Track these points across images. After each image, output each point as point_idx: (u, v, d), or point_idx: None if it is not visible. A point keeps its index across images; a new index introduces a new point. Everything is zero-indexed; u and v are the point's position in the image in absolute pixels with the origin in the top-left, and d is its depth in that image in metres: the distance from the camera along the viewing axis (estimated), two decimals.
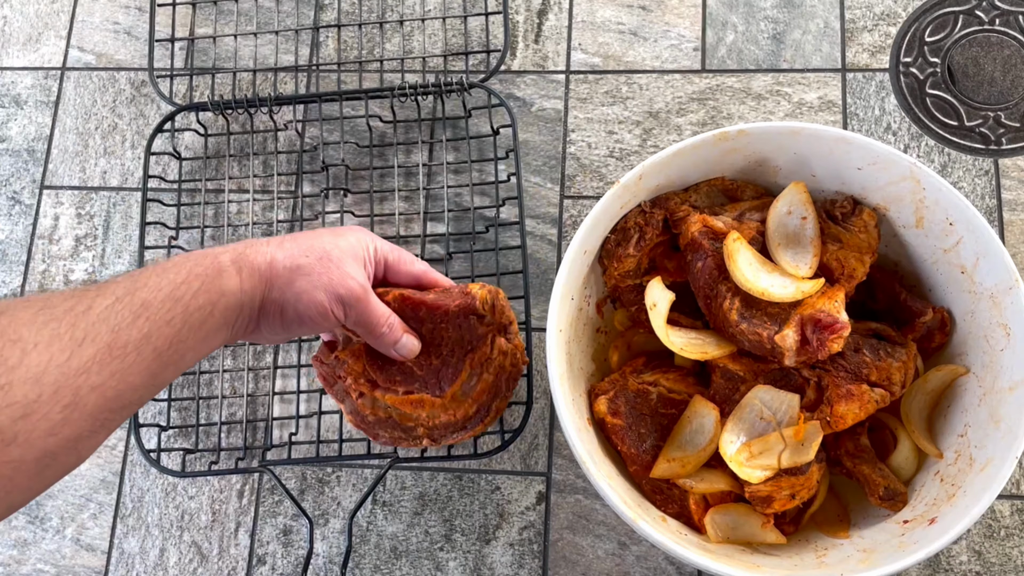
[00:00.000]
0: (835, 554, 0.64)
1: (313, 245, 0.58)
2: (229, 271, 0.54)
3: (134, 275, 0.51)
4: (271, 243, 0.57)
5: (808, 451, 0.63)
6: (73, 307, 0.47)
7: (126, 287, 0.50)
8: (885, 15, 0.87)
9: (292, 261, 0.57)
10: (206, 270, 0.53)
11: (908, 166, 0.65)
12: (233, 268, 0.54)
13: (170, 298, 0.51)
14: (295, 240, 0.58)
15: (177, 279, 0.51)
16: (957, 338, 0.68)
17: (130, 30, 0.95)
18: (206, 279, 0.53)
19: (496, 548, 0.76)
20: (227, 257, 0.54)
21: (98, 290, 0.49)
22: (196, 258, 0.53)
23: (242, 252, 0.55)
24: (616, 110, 0.87)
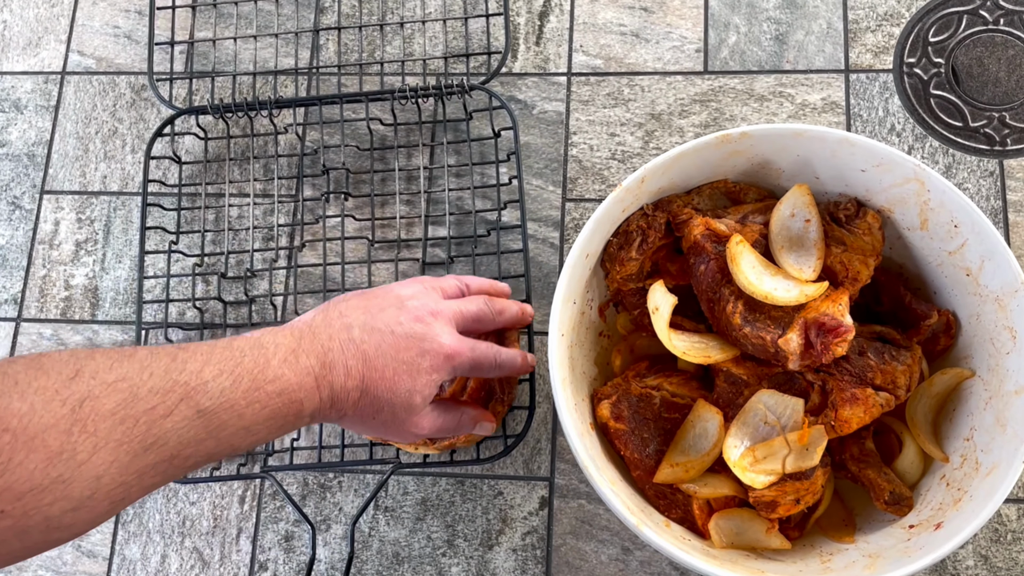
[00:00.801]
0: (840, 559, 0.64)
1: (386, 402, 0.58)
2: (312, 399, 0.55)
3: (224, 387, 0.50)
4: (351, 371, 0.57)
5: (813, 456, 0.63)
6: (155, 407, 0.47)
7: (211, 401, 0.49)
8: (888, 15, 0.87)
9: (367, 419, 0.59)
10: (291, 397, 0.53)
11: (912, 168, 0.64)
12: (316, 396, 0.55)
13: (247, 430, 0.51)
14: (376, 388, 0.58)
15: (262, 414, 0.52)
16: (962, 341, 0.68)
17: (130, 34, 0.95)
18: (288, 407, 0.53)
19: (499, 553, 0.76)
20: (311, 380, 0.55)
21: (184, 391, 0.48)
22: (286, 379, 0.53)
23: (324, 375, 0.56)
24: (618, 112, 0.86)
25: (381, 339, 0.58)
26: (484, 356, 0.63)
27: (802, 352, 0.62)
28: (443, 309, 0.61)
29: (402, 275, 0.82)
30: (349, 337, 0.57)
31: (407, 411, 0.59)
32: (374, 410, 0.58)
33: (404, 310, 0.60)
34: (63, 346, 0.85)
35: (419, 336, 0.59)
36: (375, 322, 0.58)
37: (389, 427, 0.60)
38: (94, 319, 0.85)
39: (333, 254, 0.84)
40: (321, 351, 0.56)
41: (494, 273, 0.81)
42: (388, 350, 0.57)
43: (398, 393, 0.58)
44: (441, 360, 0.59)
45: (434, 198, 0.85)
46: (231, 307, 0.84)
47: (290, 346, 0.55)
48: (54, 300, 0.87)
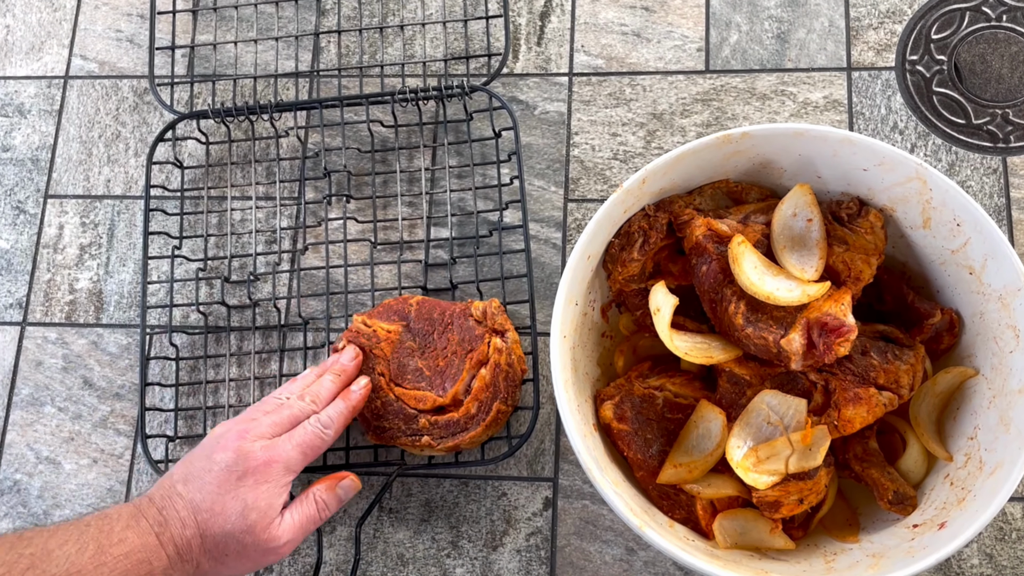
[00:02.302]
0: (844, 559, 0.64)
1: (229, 546, 0.62)
2: (158, 556, 0.60)
3: (68, 553, 0.55)
4: (187, 523, 0.61)
5: (816, 456, 0.63)
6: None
7: (60, 568, 0.54)
8: (891, 13, 0.86)
9: (216, 560, 0.63)
10: (138, 567, 0.58)
11: (914, 167, 0.64)
12: (161, 552, 0.60)
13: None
14: (212, 535, 0.62)
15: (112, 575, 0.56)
16: (966, 340, 0.68)
17: (132, 37, 0.95)
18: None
19: (503, 554, 0.76)
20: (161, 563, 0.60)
21: (31, 563, 0.53)
22: (134, 550, 0.58)
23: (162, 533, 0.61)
24: (620, 112, 0.86)
25: (201, 483, 0.62)
26: (312, 440, 0.66)
27: (805, 352, 0.62)
28: (251, 428, 0.65)
29: (404, 277, 0.83)
30: (176, 493, 0.62)
31: (249, 532, 0.61)
32: (221, 549, 0.61)
33: (217, 448, 0.64)
34: (68, 349, 0.85)
35: (232, 464, 0.63)
36: (193, 470, 0.63)
37: (248, 556, 0.62)
38: (99, 323, 0.86)
39: (336, 257, 0.84)
40: (156, 511, 0.61)
41: (496, 274, 0.81)
42: (210, 488, 0.62)
43: (230, 519, 0.61)
44: (262, 471, 0.63)
45: (436, 199, 0.85)
46: (235, 311, 0.84)
47: (131, 512, 0.60)
48: (59, 304, 0.87)
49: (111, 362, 0.84)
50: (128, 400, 0.83)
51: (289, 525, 0.64)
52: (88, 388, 0.84)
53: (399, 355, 0.75)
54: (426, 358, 0.75)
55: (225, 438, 0.64)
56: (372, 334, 0.75)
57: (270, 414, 0.67)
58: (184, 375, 0.83)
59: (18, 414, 0.84)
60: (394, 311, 0.76)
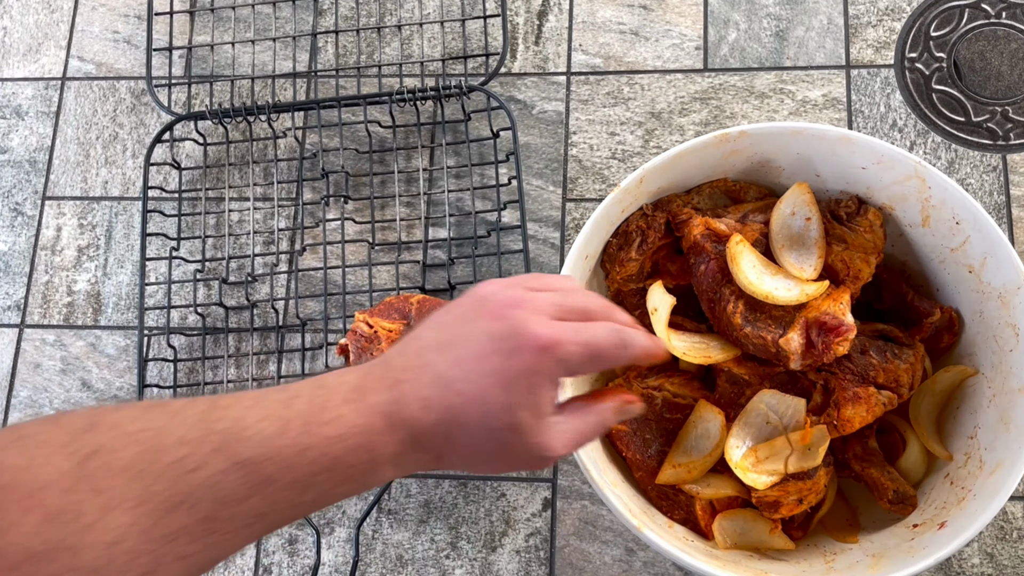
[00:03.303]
0: (844, 559, 0.63)
1: (485, 436, 0.45)
2: (385, 443, 0.44)
3: (267, 435, 0.41)
4: (432, 403, 0.45)
5: (815, 456, 0.63)
6: (182, 459, 0.39)
7: (252, 451, 0.40)
8: (889, 10, 0.86)
9: (470, 457, 0.46)
10: (358, 461, 0.43)
11: (913, 165, 0.64)
12: (392, 438, 0.44)
13: (299, 483, 0.41)
14: (465, 418, 0.45)
15: (318, 463, 0.42)
16: (966, 338, 0.67)
17: (129, 39, 0.95)
18: (355, 472, 0.43)
19: (502, 555, 0.75)
20: (389, 451, 0.44)
21: (220, 441, 0.40)
22: (352, 441, 0.43)
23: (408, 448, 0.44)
24: (618, 111, 0.86)
25: (459, 353, 0.45)
26: (602, 339, 0.47)
27: (803, 352, 0.62)
28: (528, 298, 0.47)
29: (403, 277, 0.82)
30: (422, 362, 0.45)
31: (515, 431, 0.45)
32: (475, 445, 0.45)
33: (482, 313, 0.46)
34: (66, 351, 0.85)
35: (500, 335, 0.45)
36: (448, 335, 0.46)
37: (507, 459, 0.47)
38: (97, 324, 0.86)
39: (334, 257, 0.84)
40: (391, 384, 0.44)
41: (495, 274, 0.81)
42: (469, 363, 0.45)
43: (493, 414, 0.45)
44: (537, 356, 0.45)
45: (434, 200, 0.85)
46: (233, 312, 0.84)
47: (355, 382, 0.44)
48: (57, 306, 0.87)
49: (109, 364, 0.84)
50: (127, 402, 0.83)
51: (566, 434, 0.47)
52: (86, 390, 0.84)
53: None
54: None
55: (493, 302, 0.46)
56: (373, 335, 0.74)
57: (554, 293, 0.48)
58: (182, 376, 0.82)
59: (16, 416, 0.84)
60: (395, 309, 0.76)
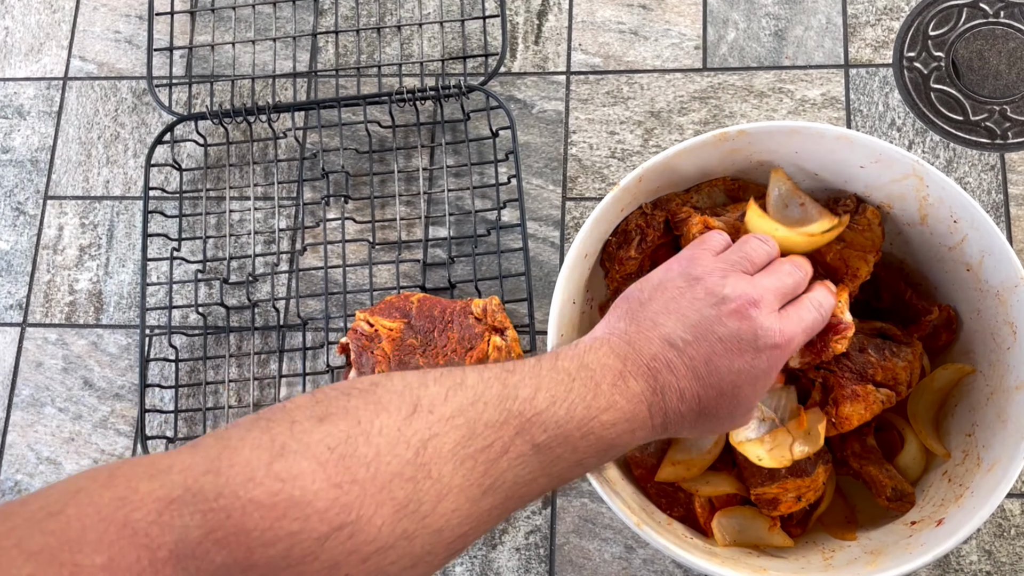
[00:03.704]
0: (842, 556, 0.64)
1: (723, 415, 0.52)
2: (646, 426, 0.49)
3: (559, 418, 0.45)
4: (685, 390, 0.50)
5: (816, 438, 0.63)
6: (491, 444, 0.42)
7: (547, 436, 0.44)
8: (888, 9, 0.86)
9: (708, 427, 0.53)
10: (621, 436, 0.47)
11: (911, 163, 0.64)
12: (650, 423, 0.49)
13: (580, 464, 0.46)
14: (715, 402, 0.51)
15: (594, 447, 0.46)
16: (964, 336, 0.68)
17: (131, 38, 0.95)
18: (617, 449, 0.48)
19: (502, 553, 0.76)
20: (644, 409, 0.49)
21: (519, 425, 0.43)
22: (620, 430, 0.47)
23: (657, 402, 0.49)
24: (617, 110, 0.86)
25: (709, 349, 0.50)
26: (815, 324, 0.56)
27: (802, 350, 0.62)
28: (762, 294, 0.53)
29: (403, 276, 0.83)
30: (675, 354, 0.50)
31: (746, 415, 0.53)
32: (710, 424, 0.52)
33: (721, 304, 0.51)
34: (68, 350, 0.85)
35: (749, 338, 0.51)
36: (694, 328, 0.51)
37: (723, 426, 0.54)
38: (98, 323, 0.86)
39: (334, 256, 0.84)
40: (648, 372, 0.49)
41: (495, 272, 0.81)
42: (720, 361, 0.50)
43: (742, 403, 0.52)
44: (778, 353, 0.52)
45: (434, 199, 0.85)
46: (234, 312, 0.84)
47: (616, 368, 0.48)
48: (59, 305, 0.87)
49: (111, 363, 0.85)
50: (128, 400, 0.83)
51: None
52: (88, 389, 0.84)
53: (400, 353, 0.75)
54: (427, 356, 0.75)
55: (738, 302, 0.51)
56: (373, 334, 0.75)
57: (770, 277, 0.55)
58: (184, 376, 0.83)
59: (19, 415, 0.84)
60: (396, 308, 0.76)
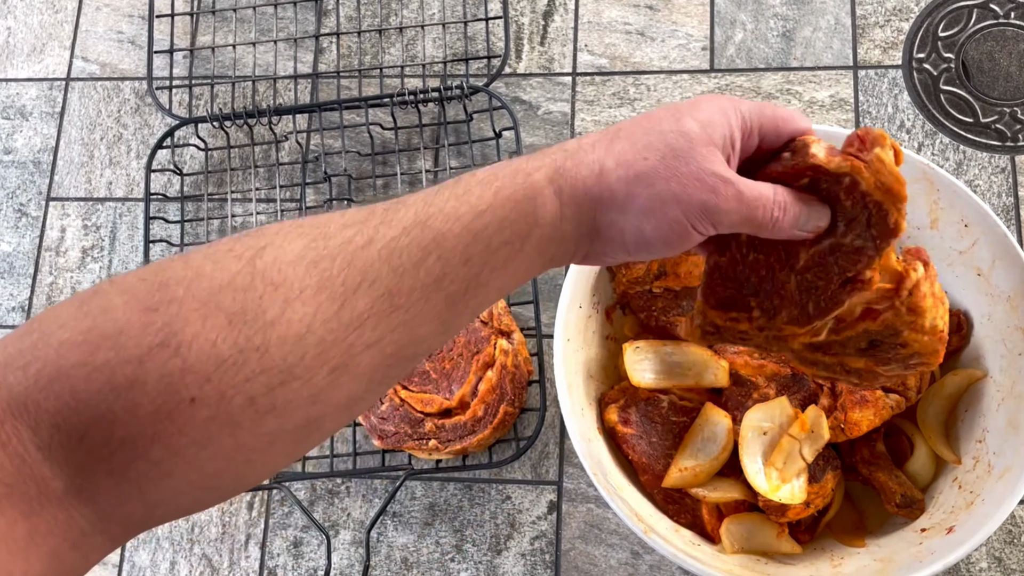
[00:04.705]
0: (851, 563, 0.63)
1: (651, 141, 0.42)
2: (544, 194, 0.41)
3: (427, 195, 0.40)
4: (597, 143, 0.42)
5: (821, 435, 0.63)
6: (351, 239, 0.37)
7: (416, 214, 0.39)
8: (897, 10, 0.86)
9: (627, 170, 0.41)
10: (514, 193, 0.40)
11: (921, 167, 0.63)
12: (550, 189, 0.41)
13: (468, 231, 0.39)
14: (629, 136, 0.42)
15: (479, 205, 0.40)
16: (974, 342, 0.67)
17: (134, 39, 0.94)
18: (514, 206, 0.40)
19: (507, 558, 0.75)
20: (542, 175, 0.41)
21: (384, 215, 0.39)
22: (504, 176, 0.41)
23: (560, 165, 0.41)
24: (624, 112, 0.85)
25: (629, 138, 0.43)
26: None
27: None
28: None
29: None
30: (603, 133, 0.43)
31: (684, 136, 0.41)
32: (636, 164, 0.41)
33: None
34: None
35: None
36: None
37: (674, 178, 0.41)
38: None
39: None
40: (558, 159, 0.42)
41: None
42: (639, 131, 0.43)
43: (658, 121, 0.42)
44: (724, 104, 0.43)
45: None
46: None
47: (515, 160, 0.43)
48: None
49: None
50: None
51: (741, 181, 0.42)
52: None
53: None
54: (433, 360, 0.74)
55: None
56: None
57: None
58: None
59: None
60: None
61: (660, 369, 0.67)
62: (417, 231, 0.38)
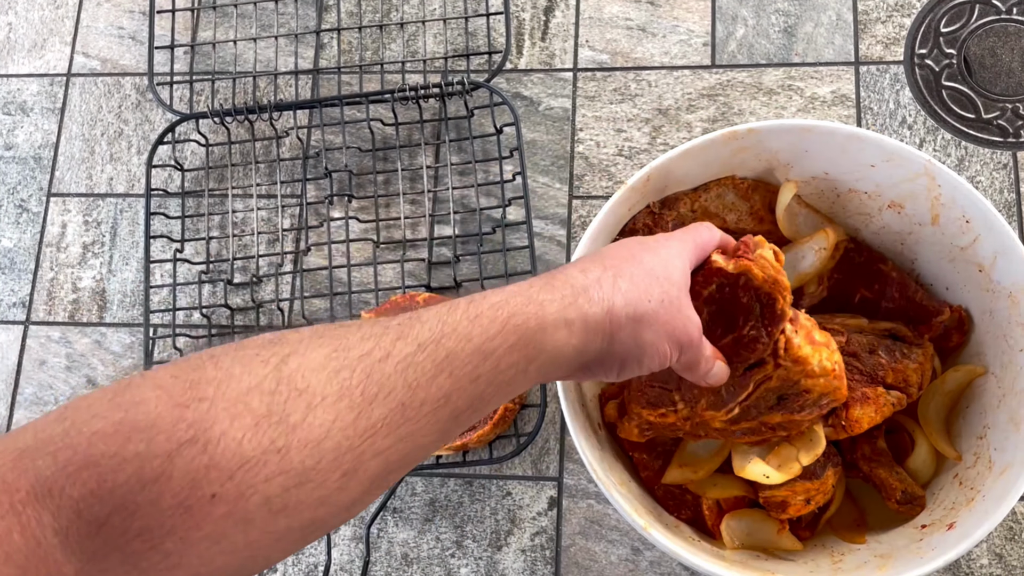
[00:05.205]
0: (852, 560, 0.63)
1: (651, 287, 0.48)
2: (556, 325, 0.45)
3: (441, 314, 0.43)
4: (604, 283, 0.47)
5: (818, 440, 0.62)
6: (370, 352, 0.40)
7: (431, 332, 0.41)
8: (899, 6, 0.85)
9: (634, 310, 0.47)
10: (526, 321, 0.44)
11: (923, 163, 0.63)
12: (561, 322, 0.45)
13: (479, 352, 0.42)
14: (631, 278, 0.48)
15: (491, 329, 0.43)
16: (975, 338, 0.67)
17: (135, 35, 0.94)
18: (525, 334, 0.43)
19: (508, 554, 0.75)
20: (554, 308, 0.45)
21: (400, 330, 0.41)
22: (515, 304, 0.44)
23: (572, 302, 0.46)
24: (625, 108, 0.85)
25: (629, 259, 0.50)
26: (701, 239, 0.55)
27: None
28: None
29: (408, 275, 0.82)
30: (603, 270, 0.49)
31: (668, 281, 0.49)
32: (641, 314, 0.47)
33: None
34: (71, 348, 0.85)
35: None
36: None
37: (662, 330, 0.49)
38: (102, 321, 0.85)
39: (339, 256, 0.84)
40: (568, 296, 0.46)
41: (501, 271, 0.81)
42: (639, 275, 0.49)
43: (663, 288, 0.49)
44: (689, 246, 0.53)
45: (438, 197, 0.85)
46: (238, 312, 0.83)
47: (523, 286, 0.46)
48: (62, 303, 0.87)
49: (114, 361, 0.84)
50: None
51: (704, 342, 0.52)
52: (92, 387, 0.84)
53: None
54: None
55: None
56: None
57: None
58: None
59: (22, 414, 0.84)
60: (401, 308, 0.76)
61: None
62: (431, 348, 0.41)
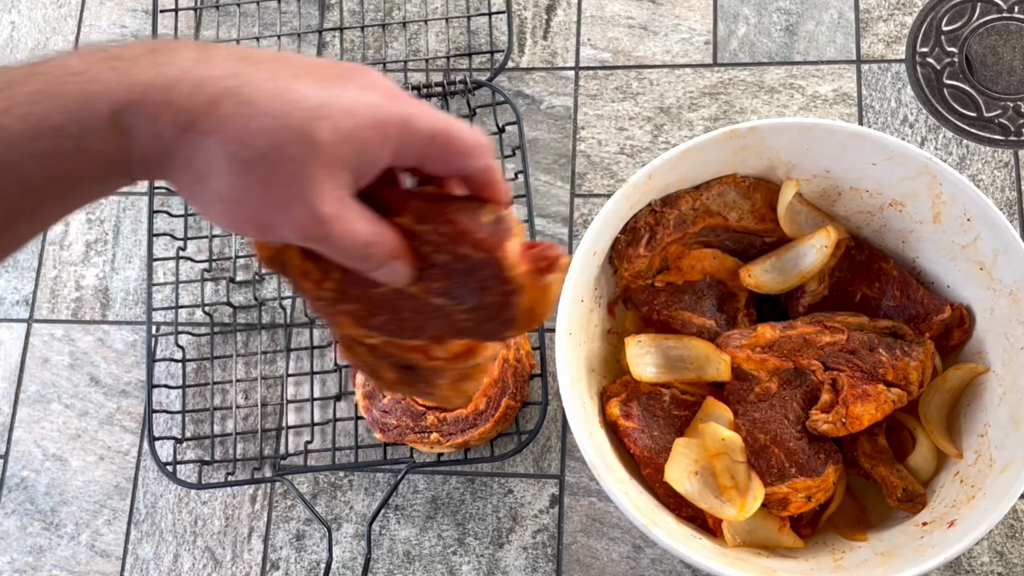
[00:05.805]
0: (852, 557, 0.63)
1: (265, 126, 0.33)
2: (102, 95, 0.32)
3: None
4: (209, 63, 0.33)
5: (722, 434, 0.64)
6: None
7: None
8: (901, 4, 0.85)
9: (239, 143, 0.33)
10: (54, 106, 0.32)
11: (924, 161, 0.63)
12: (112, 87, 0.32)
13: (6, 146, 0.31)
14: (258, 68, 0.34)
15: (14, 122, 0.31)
16: (976, 336, 0.67)
17: (137, 34, 0.94)
18: (60, 135, 0.32)
19: (510, 552, 0.75)
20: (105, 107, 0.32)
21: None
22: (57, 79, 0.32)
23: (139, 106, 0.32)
24: (626, 106, 0.85)
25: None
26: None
27: None
28: None
29: None
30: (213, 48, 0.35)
31: (309, 153, 0.33)
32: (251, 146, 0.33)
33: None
34: (74, 346, 0.85)
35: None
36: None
37: (277, 196, 0.33)
38: (105, 319, 0.86)
39: None
40: (148, 43, 0.34)
41: None
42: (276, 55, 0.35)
43: (295, 105, 0.33)
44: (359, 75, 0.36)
45: None
46: (240, 310, 0.84)
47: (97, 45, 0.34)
48: (65, 301, 0.87)
49: (117, 359, 0.84)
50: (134, 397, 0.83)
51: (354, 224, 0.35)
52: (95, 385, 0.84)
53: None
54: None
55: None
56: None
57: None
58: (190, 375, 0.83)
59: (25, 411, 0.84)
60: None
61: (662, 363, 0.67)
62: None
